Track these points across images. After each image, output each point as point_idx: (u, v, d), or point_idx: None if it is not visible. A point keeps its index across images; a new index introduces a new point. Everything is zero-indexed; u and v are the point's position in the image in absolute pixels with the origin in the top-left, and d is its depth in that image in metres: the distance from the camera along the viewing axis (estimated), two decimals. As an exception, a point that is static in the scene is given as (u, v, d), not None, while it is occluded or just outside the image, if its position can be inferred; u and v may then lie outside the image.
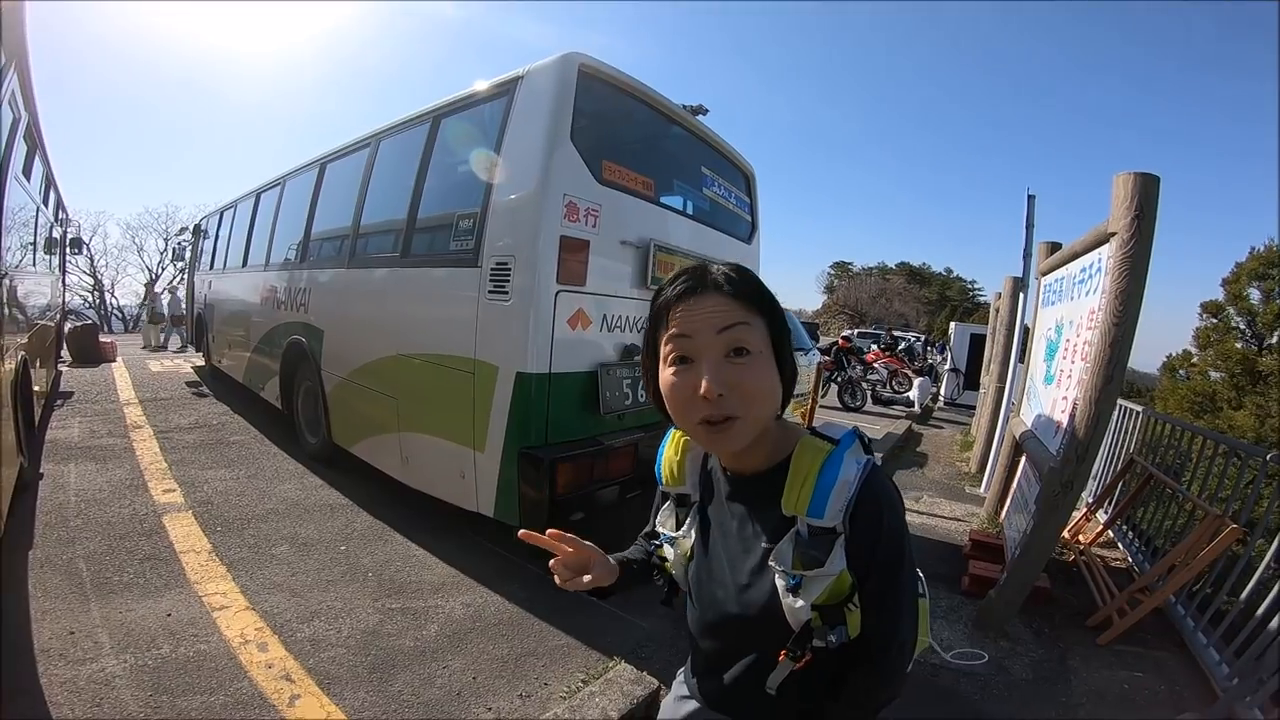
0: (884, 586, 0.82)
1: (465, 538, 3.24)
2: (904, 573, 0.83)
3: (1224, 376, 13.23)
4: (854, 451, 0.83)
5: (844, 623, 0.82)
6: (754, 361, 0.79)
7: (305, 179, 4.84)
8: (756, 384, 0.79)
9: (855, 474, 0.80)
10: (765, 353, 0.81)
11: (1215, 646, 2.55)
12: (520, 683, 2.15)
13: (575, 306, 2.80)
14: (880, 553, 0.81)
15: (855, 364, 10.75)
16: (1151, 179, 2.45)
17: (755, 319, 0.81)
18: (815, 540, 0.81)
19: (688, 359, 0.80)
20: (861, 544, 0.80)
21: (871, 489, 0.80)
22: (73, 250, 7.93)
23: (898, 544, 0.82)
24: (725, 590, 0.92)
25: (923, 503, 4.80)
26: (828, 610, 0.82)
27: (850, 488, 0.80)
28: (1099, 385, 2.51)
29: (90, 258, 29.94)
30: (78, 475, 3.77)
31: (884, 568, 0.81)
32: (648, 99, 3.22)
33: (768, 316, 0.83)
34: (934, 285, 53.00)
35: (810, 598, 0.80)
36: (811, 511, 0.80)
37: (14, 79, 2.64)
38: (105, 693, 1.89)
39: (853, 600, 0.82)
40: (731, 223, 4.08)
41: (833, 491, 0.79)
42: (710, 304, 0.80)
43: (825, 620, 0.82)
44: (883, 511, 0.81)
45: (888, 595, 0.82)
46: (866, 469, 0.81)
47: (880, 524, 0.80)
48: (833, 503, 0.79)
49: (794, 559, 0.81)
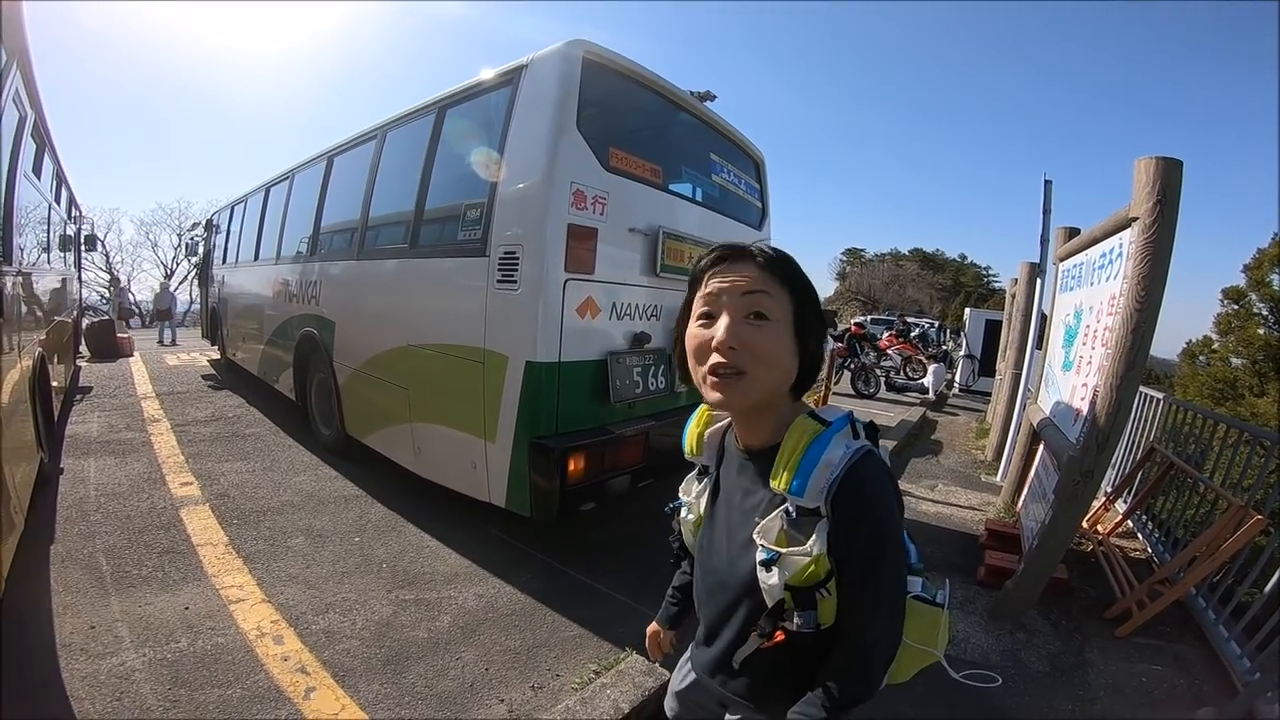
0: (860, 580, 0.81)
1: (478, 528, 3.25)
2: (883, 569, 0.82)
3: (1246, 363, 12.97)
4: (844, 435, 0.84)
5: (814, 608, 0.82)
6: (769, 327, 0.82)
7: (314, 172, 4.85)
8: (768, 346, 0.82)
9: (841, 457, 0.80)
10: (784, 325, 0.83)
11: (1237, 640, 2.50)
12: (532, 674, 2.16)
13: (584, 295, 2.78)
14: (859, 543, 0.80)
15: (868, 350, 10.63)
16: (1174, 163, 2.39)
17: (780, 292, 0.84)
18: (800, 520, 0.81)
19: (712, 316, 0.85)
20: (842, 531, 0.80)
21: (857, 475, 0.80)
22: (87, 247, 8.01)
23: (879, 536, 0.81)
24: (720, 559, 0.95)
25: (938, 491, 4.76)
26: (800, 592, 0.82)
27: (833, 470, 0.80)
28: (1121, 372, 2.45)
29: (106, 254, 30.31)
30: (97, 469, 3.83)
31: (862, 561, 0.80)
32: (654, 86, 3.17)
33: (795, 295, 0.84)
34: (948, 271, 52.25)
35: (784, 576, 0.81)
36: (793, 490, 0.81)
37: (17, 77, 2.64)
38: (125, 687, 1.91)
39: (826, 587, 0.81)
40: (742, 209, 4.03)
41: (815, 471, 0.80)
42: (741, 270, 0.85)
43: (796, 602, 0.82)
44: (865, 500, 0.80)
45: (863, 590, 0.82)
46: (856, 455, 0.81)
47: (862, 514, 0.80)
48: (814, 483, 0.80)
49: (778, 535, 0.83)
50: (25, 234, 3.19)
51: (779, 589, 0.82)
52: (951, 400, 10.79)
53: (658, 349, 3.23)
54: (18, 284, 2.82)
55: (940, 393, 10.57)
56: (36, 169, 3.59)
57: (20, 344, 2.80)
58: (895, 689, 0.96)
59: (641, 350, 3.12)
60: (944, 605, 0.93)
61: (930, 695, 2.13)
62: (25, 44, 2.77)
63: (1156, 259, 2.38)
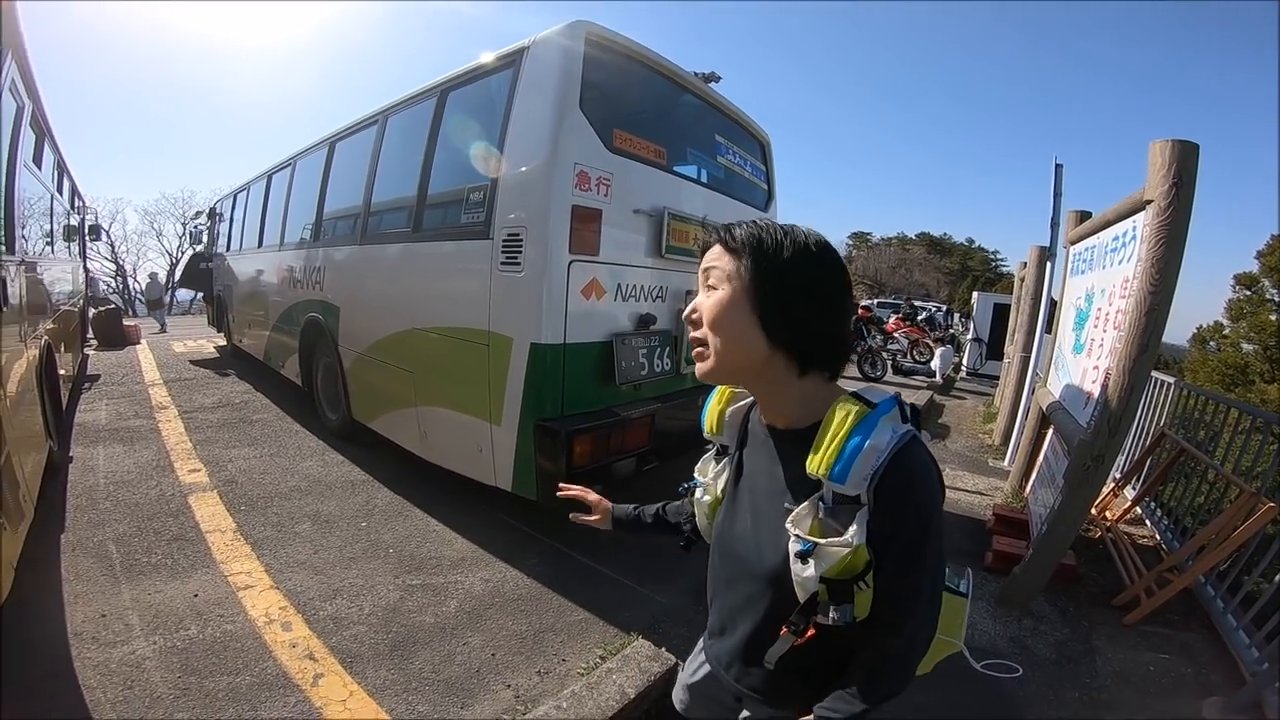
0: (901, 572, 0.77)
1: (484, 512, 3.25)
2: (926, 560, 0.78)
3: (1257, 349, 12.84)
4: (891, 418, 0.78)
5: (850, 601, 0.77)
6: (715, 295, 0.83)
7: (316, 158, 4.81)
8: (713, 314, 0.82)
9: (888, 442, 0.75)
10: (735, 291, 0.81)
11: (1245, 630, 2.48)
12: (539, 659, 2.17)
13: (589, 276, 2.75)
14: (903, 534, 0.76)
15: (875, 333, 10.57)
16: (1190, 146, 2.33)
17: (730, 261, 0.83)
18: (838, 508, 0.77)
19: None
20: (884, 520, 0.75)
21: (904, 462, 0.75)
22: (92, 237, 7.99)
23: (923, 528, 0.76)
24: (744, 545, 0.90)
25: (945, 475, 4.72)
26: (836, 586, 0.77)
27: (879, 455, 0.74)
28: (1134, 355, 2.41)
29: (111, 244, 30.36)
30: (106, 457, 3.85)
31: (905, 551, 0.76)
32: (658, 67, 3.11)
33: (753, 263, 0.81)
34: (955, 255, 51.76)
35: (820, 569, 0.76)
36: (835, 475, 0.76)
37: (13, 67, 2.62)
38: (136, 675, 1.93)
39: (865, 579, 0.77)
40: (747, 190, 3.98)
41: (860, 456, 0.75)
42: (711, 253, 0.86)
43: (832, 595, 0.77)
44: (913, 489, 0.76)
45: (904, 581, 0.77)
46: (902, 439, 0.76)
47: (907, 502, 0.75)
48: (858, 469, 0.75)
49: (812, 525, 0.78)
50: (28, 224, 3.18)
51: (814, 581, 0.77)
52: (959, 384, 10.72)
53: (663, 330, 3.21)
54: (21, 273, 2.81)
55: (947, 376, 10.50)
56: (37, 159, 3.57)
57: (26, 333, 2.80)
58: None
59: (647, 332, 3.09)
60: (968, 595, 0.91)
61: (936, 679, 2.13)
62: (20, 34, 2.75)
63: (1171, 242, 2.33)
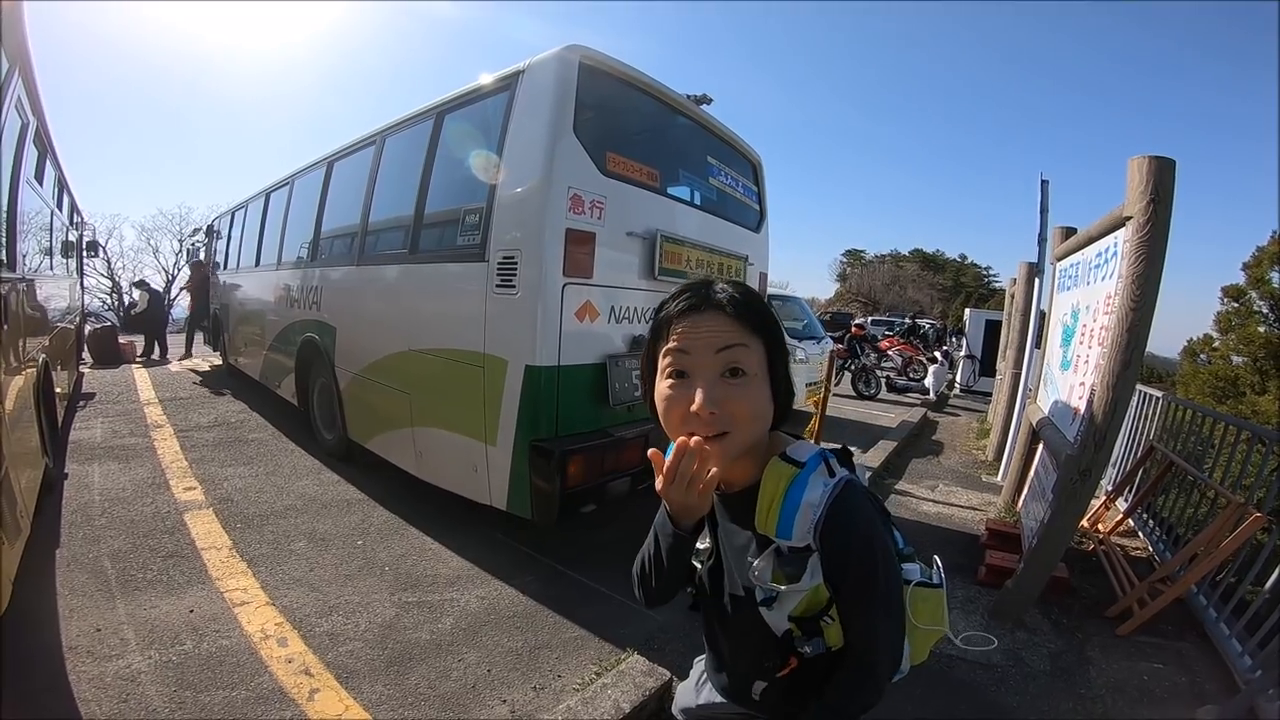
0: (857, 600, 0.83)
1: (479, 531, 3.26)
2: (878, 585, 0.84)
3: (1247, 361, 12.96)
4: (819, 474, 0.84)
5: (820, 635, 0.85)
6: (748, 383, 0.80)
7: (313, 177, 4.88)
8: (750, 405, 0.80)
9: (821, 495, 0.81)
10: (761, 375, 0.82)
11: (1238, 637, 2.50)
12: (534, 675, 2.17)
13: (583, 298, 2.80)
14: (852, 570, 0.82)
15: (869, 351, 10.64)
16: (1167, 162, 2.41)
17: (754, 341, 0.81)
18: (792, 556, 0.83)
19: (684, 374, 0.81)
20: (834, 560, 0.81)
21: (841, 507, 0.81)
22: (89, 253, 8.00)
23: (869, 560, 0.83)
24: (727, 597, 0.95)
25: (939, 491, 4.76)
26: (804, 622, 0.85)
27: (815, 510, 0.81)
28: (1117, 370, 2.47)
29: (108, 260, 30.39)
30: (101, 475, 3.85)
31: (858, 583, 0.83)
32: (650, 90, 3.20)
33: (767, 339, 0.83)
34: (948, 272, 52.29)
35: (785, 610, 0.84)
36: (780, 533, 0.83)
37: (19, 83, 2.65)
38: (131, 689, 1.93)
39: (829, 613, 0.84)
40: (739, 212, 4.05)
41: (798, 514, 0.81)
42: (711, 322, 0.80)
43: (803, 631, 0.85)
44: (853, 529, 0.81)
45: (862, 608, 0.84)
46: (836, 488, 0.82)
47: (849, 543, 0.81)
48: (799, 525, 0.81)
49: (773, 573, 0.84)
50: (28, 241, 3.20)
51: (783, 623, 0.85)
52: (953, 401, 10.78)
53: (657, 352, 3.24)
54: (21, 291, 2.84)
55: (941, 393, 10.57)
56: (39, 176, 3.60)
57: (24, 351, 2.82)
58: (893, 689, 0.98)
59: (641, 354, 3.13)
60: (942, 584, 0.97)
61: (933, 692, 2.15)
62: (27, 49, 2.78)
63: (1150, 258, 2.40)
